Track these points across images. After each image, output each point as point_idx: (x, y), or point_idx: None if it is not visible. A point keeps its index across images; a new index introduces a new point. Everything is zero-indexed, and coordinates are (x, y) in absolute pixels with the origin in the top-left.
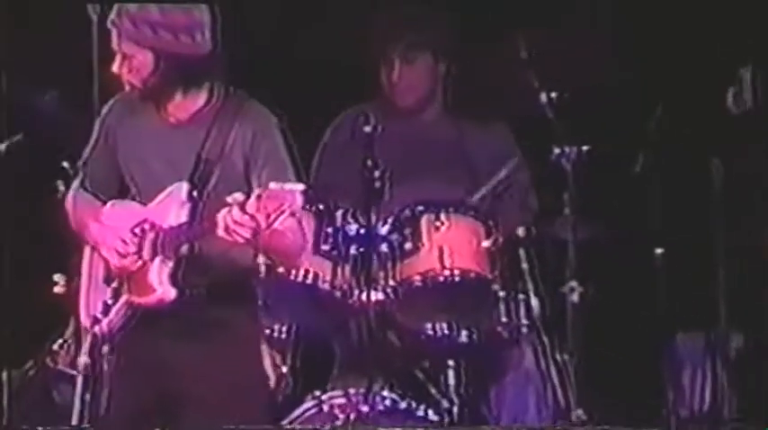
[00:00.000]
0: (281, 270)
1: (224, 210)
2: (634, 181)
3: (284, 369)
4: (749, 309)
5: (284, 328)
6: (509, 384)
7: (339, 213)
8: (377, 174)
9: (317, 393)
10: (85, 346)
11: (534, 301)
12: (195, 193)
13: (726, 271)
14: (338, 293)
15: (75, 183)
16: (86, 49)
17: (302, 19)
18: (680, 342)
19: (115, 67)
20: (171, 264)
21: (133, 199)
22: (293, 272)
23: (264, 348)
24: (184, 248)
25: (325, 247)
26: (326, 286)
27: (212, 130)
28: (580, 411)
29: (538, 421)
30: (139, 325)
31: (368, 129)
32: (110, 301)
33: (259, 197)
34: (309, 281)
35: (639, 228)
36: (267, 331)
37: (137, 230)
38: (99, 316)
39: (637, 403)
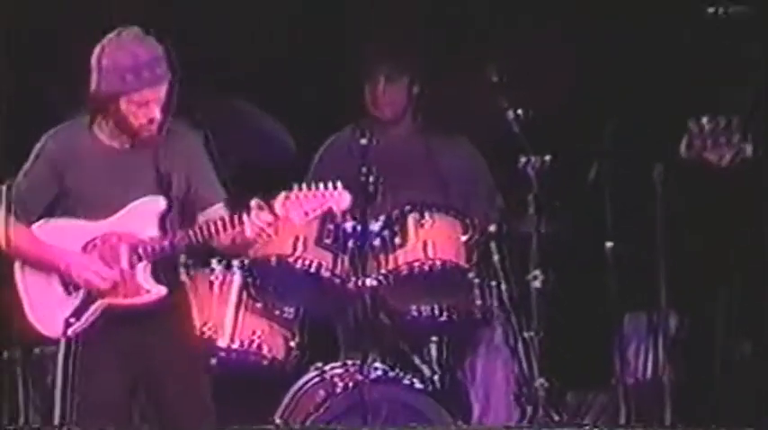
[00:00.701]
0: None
1: (252, 214)
2: (589, 185)
3: (293, 344)
4: (685, 294)
5: (292, 310)
6: (482, 356)
7: (339, 213)
8: (371, 179)
9: (320, 365)
10: (60, 350)
11: (503, 287)
12: (169, 207)
13: (665, 261)
14: (338, 280)
15: (2, 210)
16: None
17: (301, 46)
18: (626, 321)
19: (133, 118)
20: (149, 265)
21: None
22: (301, 261)
23: (276, 327)
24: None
25: (327, 241)
26: (328, 274)
27: (158, 154)
28: (542, 379)
29: (503, 388)
30: (108, 321)
31: (364, 141)
32: (81, 307)
33: (287, 198)
34: (314, 269)
35: (593, 225)
36: (277, 312)
37: (106, 246)
38: (71, 320)
39: (590, 373)
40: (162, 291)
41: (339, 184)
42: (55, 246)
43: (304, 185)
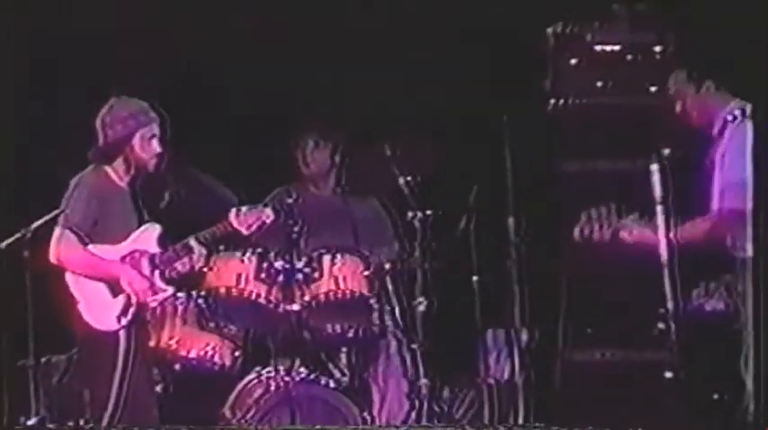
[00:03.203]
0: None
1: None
2: (459, 233)
3: (237, 354)
4: (532, 316)
5: (237, 328)
6: (380, 362)
7: (272, 254)
8: (296, 229)
9: (257, 369)
10: (123, 339)
11: (396, 310)
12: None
13: (519, 291)
14: (271, 305)
15: (60, 229)
16: None
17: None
18: (488, 335)
19: (143, 152)
20: (159, 272)
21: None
22: (244, 291)
23: (225, 341)
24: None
25: (262, 276)
26: (263, 301)
27: (140, 190)
28: (425, 380)
29: (396, 385)
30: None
31: (290, 200)
32: (126, 306)
33: (237, 215)
34: (253, 297)
35: (463, 263)
36: (226, 329)
37: (134, 261)
38: (121, 317)
39: (461, 374)
40: (170, 290)
41: (267, 208)
42: (115, 261)
43: (245, 208)
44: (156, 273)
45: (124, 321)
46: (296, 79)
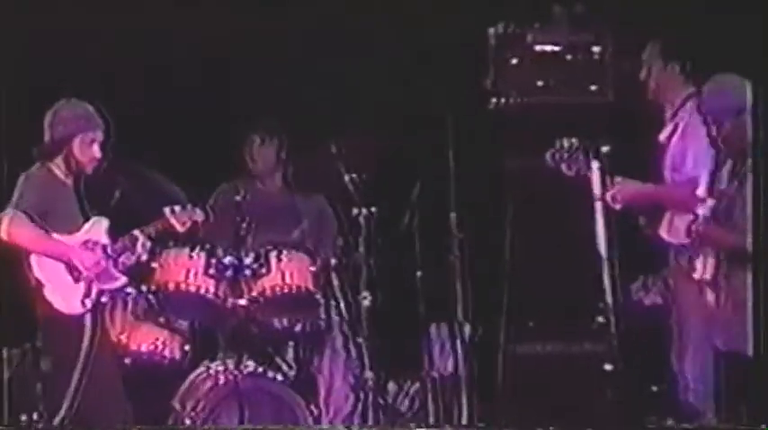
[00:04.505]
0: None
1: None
2: (403, 229)
3: (186, 347)
4: (475, 310)
5: (186, 322)
6: (326, 356)
7: (220, 250)
8: (243, 225)
9: (206, 362)
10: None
11: (342, 305)
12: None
13: (462, 285)
14: (219, 300)
15: (12, 209)
16: None
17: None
18: (432, 330)
19: (82, 155)
20: (111, 262)
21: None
22: (192, 286)
23: (174, 335)
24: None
25: (211, 271)
26: (212, 296)
27: (88, 187)
28: (370, 373)
29: (342, 378)
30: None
31: (238, 198)
32: (88, 290)
33: (172, 212)
34: (201, 292)
35: (407, 258)
36: (175, 324)
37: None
38: (85, 300)
39: (406, 368)
40: (124, 279)
41: (197, 208)
42: (66, 243)
43: (178, 207)
44: (110, 263)
45: (89, 304)
46: (243, 77)
